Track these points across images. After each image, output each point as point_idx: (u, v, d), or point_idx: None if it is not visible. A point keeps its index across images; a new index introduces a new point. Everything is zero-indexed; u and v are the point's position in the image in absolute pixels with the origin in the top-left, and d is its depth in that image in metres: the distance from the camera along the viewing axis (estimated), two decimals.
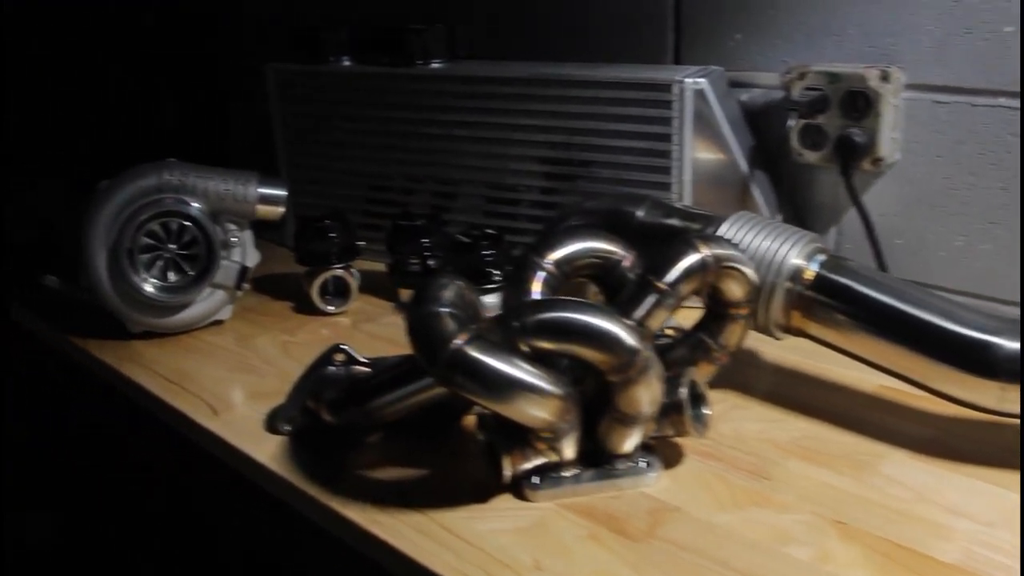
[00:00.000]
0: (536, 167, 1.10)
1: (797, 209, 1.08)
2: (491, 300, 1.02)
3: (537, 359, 0.67)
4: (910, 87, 0.97)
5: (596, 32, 1.21)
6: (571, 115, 1.06)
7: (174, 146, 1.87)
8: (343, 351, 0.83)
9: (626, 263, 0.79)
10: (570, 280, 0.78)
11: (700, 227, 0.88)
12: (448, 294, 0.69)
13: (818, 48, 1.04)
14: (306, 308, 1.10)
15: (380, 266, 1.15)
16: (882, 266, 1.01)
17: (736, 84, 1.09)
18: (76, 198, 1.03)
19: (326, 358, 0.83)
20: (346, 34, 1.22)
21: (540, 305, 0.69)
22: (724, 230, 0.85)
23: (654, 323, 0.74)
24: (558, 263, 0.76)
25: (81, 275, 1.01)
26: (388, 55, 1.19)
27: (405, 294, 1.12)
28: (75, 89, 1.84)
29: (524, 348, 0.66)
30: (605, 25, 1.20)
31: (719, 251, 0.75)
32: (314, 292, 1.08)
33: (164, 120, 1.84)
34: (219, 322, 1.07)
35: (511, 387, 0.65)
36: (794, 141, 1.03)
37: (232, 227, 1.04)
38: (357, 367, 0.83)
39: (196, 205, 1.00)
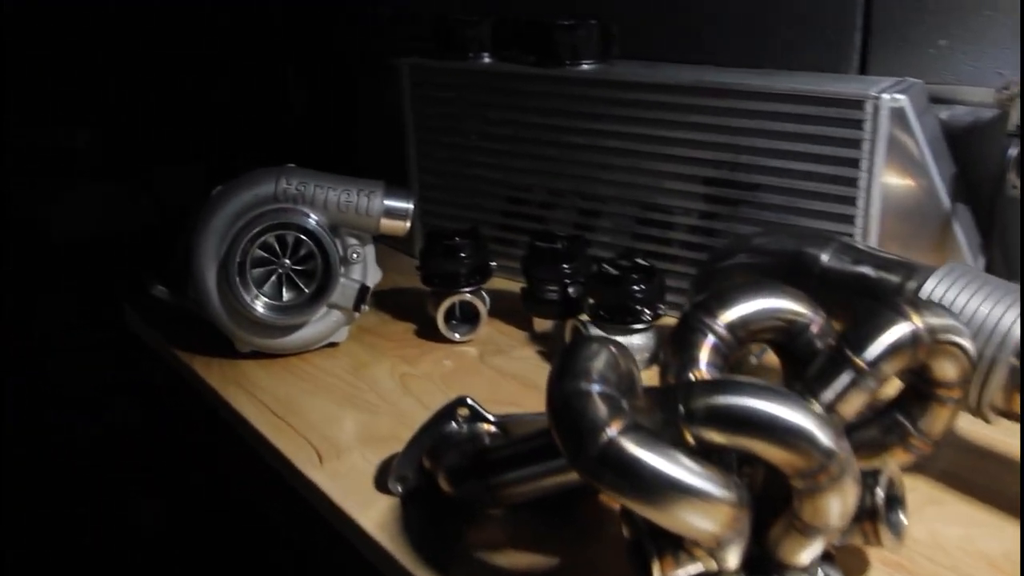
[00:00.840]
0: (695, 188, 0.96)
1: (1008, 254, 0.90)
2: (637, 341, 0.89)
3: (703, 452, 0.54)
4: None
5: (767, 32, 1.06)
6: (740, 131, 0.92)
7: (302, 140, 1.83)
8: (468, 406, 0.71)
9: (814, 328, 0.64)
10: (743, 346, 0.64)
11: (899, 280, 0.73)
12: (599, 365, 0.56)
13: None
14: (430, 332, 1.00)
15: (514, 285, 1.03)
16: None
17: (936, 100, 0.93)
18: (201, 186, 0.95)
19: (449, 411, 0.72)
20: (488, 28, 1.10)
21: (713, 387, 0.55)
22: (933, 287, 0.70)
23: (848, 408, 0.59)
24: (732, 326, 0.62)
25: (190, 287, 0.93)
26: (534, 53, 1.06)
27: (541, 324, 1.00)
28: (201, 79, 1.81)
29: (689, 439, 0.53)
30: (778, 24, 1.05)
31: (933, 321, 0.60)
32: (439, 318, 0.98)
33: (292, 112, 1.78)
34: (334, 344, 0.98)
35: (673, 491, 0.52)
36: (1011, 172, 0.86)
37: (353, 242, 0.94)
38: (483, 425, 0.71)
39: (314, 218, 0.91)
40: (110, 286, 1.23)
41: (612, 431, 0.52)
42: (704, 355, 0.62)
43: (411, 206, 0.93)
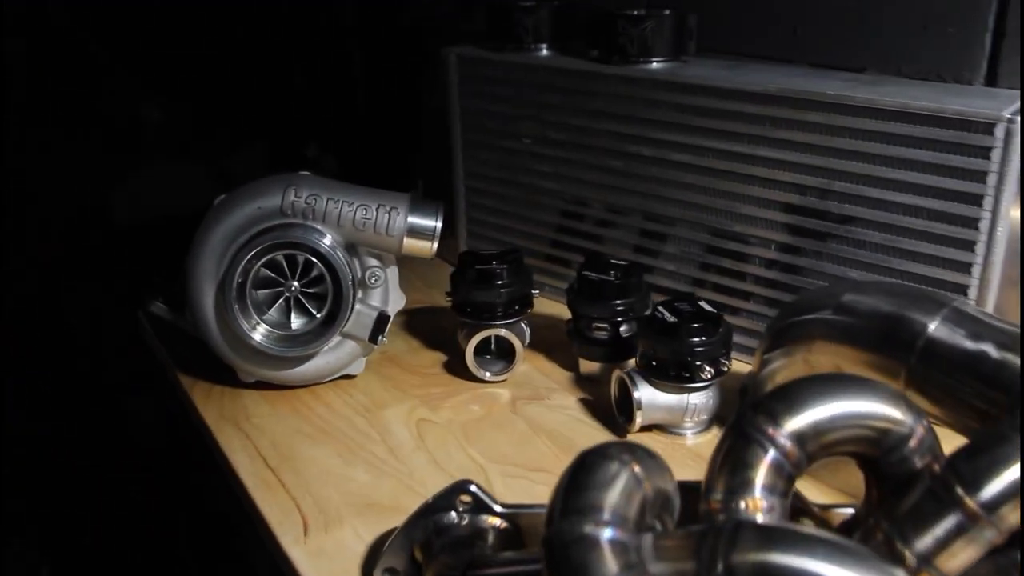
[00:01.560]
0: (777, 215, 0.81)
1: None
2: (695, 401, 0.74)
3: None
4: None
5: (874, 28, 0.89)
6: (835, 151, 0.75)
7: (366, 128, 1.72)
8: (471, 493, 0.58)
9: (914, 441, 0.49)
10: (814, 462, 0.49)
11: None
12: (614, 498, 0.43)
13: None
14: (461, 367, 0.87)
15: (564, 311, 0.89)
16: None
17: None
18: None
19: (447, 498, 0.59)
20: (548, 15, 0.95)
21: (765, 539, 0.41)
22: None
23: (952, 563, 0.45)
24: (801, 437, 0.48)
25: (187, 310, 0.82)
26: (598, 46, 0.92)
27: (587, 366, 0.86)
28: (271, 62, 1.73)
29: None
30: (888, 20, 0.87)
31: None
32: (468, 354, 0.84)
33: (356, 99, 1.66)
34: (349, 376, 0.86)
35: None
36: None
37: (373, 263, 0.82)
38: (488, 518, 0.58)
39: (328, 236, 0.79)
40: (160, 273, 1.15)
41: None
42: (761, 477, 0.47)
43: (438, 224, 0.80)
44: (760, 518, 0.47)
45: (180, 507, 1.38)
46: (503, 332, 0.84)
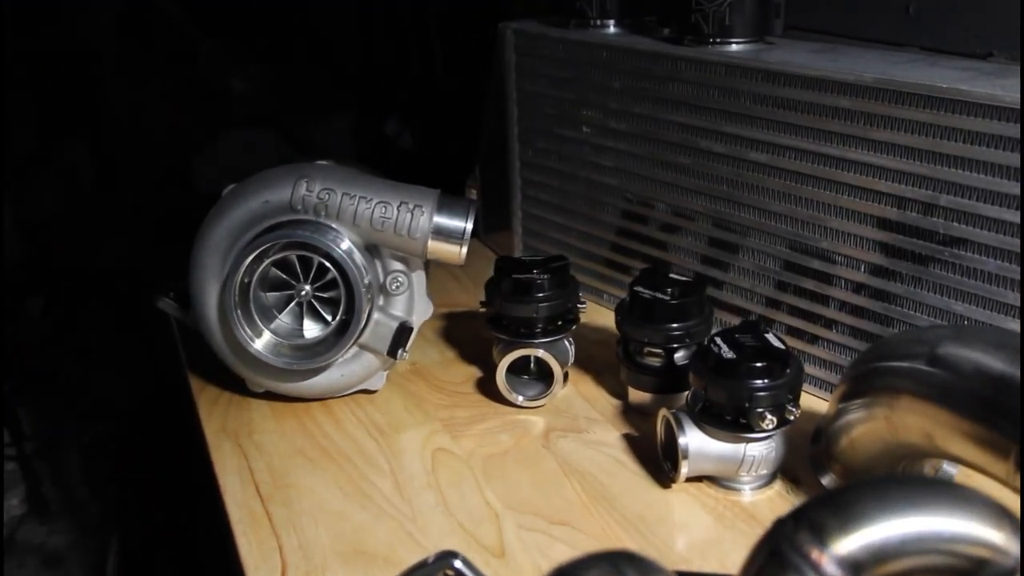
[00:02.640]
0: (870, 232, 0.67)
1: None
2: (753, 452, 0.62)
3: None
4: None
5: (1004, 6, 0.73)
6: (945, 158, 0.62)
7: (442, 105, 1.63)
8: (456, 570, 0.48)
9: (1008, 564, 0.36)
10: None
11: None
12: None
13: None
14: (493, 386, 0.77)
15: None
16: None
17: None
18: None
19: (428, 570, 0.49)
20: None
21: None
22: None
23: None
24: (855, 565, 0.35)
25: (190, 311, 0.75)
26: (671, 25, 0.79)
27: (637, 396, 0.74)
28: (350, 34, 1.67)
29: None
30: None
31: None
32: (500, 375, 0.74)
33: (434, 72, 1.57)
34: (368, 392, 0.77)
35: None
36: None
37: (397, 266, 0.72)
38: None
39: (344, 239, 0.69)
40: None
41: None
42: None
43: (468, 226, 0.70)
44: None
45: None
46: (541, 353, 0.73)
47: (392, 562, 0.58)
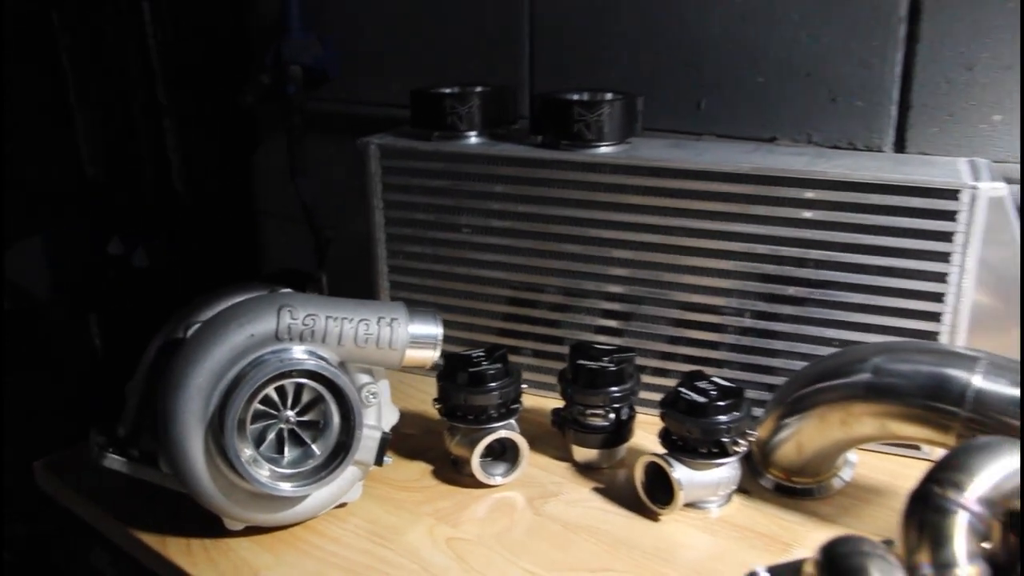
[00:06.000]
0: (751, 285, 0.85)
1: None
2: (725, 474, 0.76)
3: None
4: None
5: (784, 102, 0.96)
6: (810, 223, 0.81)
7: (188, 209, 1.58)
8: None
9: None
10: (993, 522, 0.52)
11: None
12: None
13: None
14: (452, 475, 0.83)
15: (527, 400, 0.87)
16: None
17: None
18: None
19: None
20: (479, 101, 0.94)
21: None
22: None
23: None
24: (988, 501, 0.51)
25: (162, 459, 0.72)
26: (545, 133, 0.91)
27: (583, 454, 0.85)
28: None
29: None
30: (795, 94, 0.96)
31: None
32: (475, 461, 0.81)
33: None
34: (342, 505, 0.79)
35: None
36: None
37: (365, 379, 0.76)
38: None
39: (326, 359, 0.72)
40: None
41: None
42: (963, 545, 0.50)
43: (440, 331, 0.76)
44: None
45: None
46: (506, 433, 0.81)
47: None
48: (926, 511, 0.51)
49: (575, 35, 1.09)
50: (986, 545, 0.57)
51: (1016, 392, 0.65)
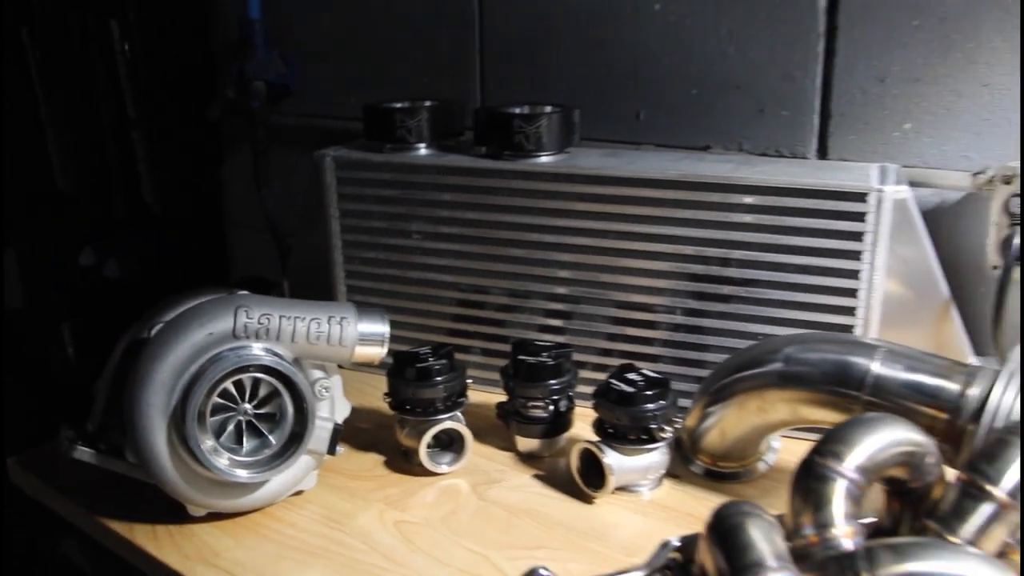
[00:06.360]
0: (681, 285, 0.91)
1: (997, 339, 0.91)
2: (655, 459, 0.82)
3: None
4: None
5: (717, 113, 1.03)
6: (733, 226, 0.87)
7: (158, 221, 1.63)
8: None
9: (931, 458, 0.60)
10: (869, 487, 0.59)
11: (959, 387, 0.70)
12: (770, 545, 0.49)
13: (1014, 143, 0.88)
14: (402, 463, 0.88)
15: (473, 395, 0.93)
16: None
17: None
18: None
19: None
20: (428, 115, 1.00)
21: (898, 554, 0.50)
22: (1001, 394, 0.68)
23: (991, 544, 0.56)
24: (863, 469, 0.57)
25: (128, 449, 0.77)
26: (488, 144, 0.97)
27: (526, 444, 0.91)
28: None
29: None
30: (727, 106, 1.02)
31: None
32: (423, 451, 0.86)
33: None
34: (299, 493, 0.84)
35: None
36: (1007, 258, 0.87)
37: (319, 374, 0.81)
38: None
39: (281, 355, 0.78)
40: None
41: None
42: (841, 507, 0.56)
43: (387, 329, 0.82)
44: (850, 543, 0.55)
45: None
46: (451, 424, 0.87)
47: None
48: (809, 479, 0.57)
49: (522, 53, 1.15)
50: (874, 518, 0.64)
51: (911, 376, 0.72)
